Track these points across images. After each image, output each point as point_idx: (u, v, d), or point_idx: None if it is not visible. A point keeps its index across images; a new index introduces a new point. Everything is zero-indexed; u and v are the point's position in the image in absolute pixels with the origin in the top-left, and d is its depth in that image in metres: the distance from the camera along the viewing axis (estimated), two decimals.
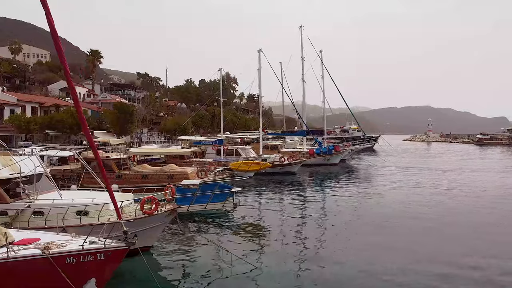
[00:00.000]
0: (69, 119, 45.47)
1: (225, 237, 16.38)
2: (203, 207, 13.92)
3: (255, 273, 12.22)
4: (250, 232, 17.40)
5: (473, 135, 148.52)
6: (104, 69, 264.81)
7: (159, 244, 15.20)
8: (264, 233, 17.32)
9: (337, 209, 22.87)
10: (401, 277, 12.02)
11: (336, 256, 14.06)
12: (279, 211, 22.04)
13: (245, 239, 15.97)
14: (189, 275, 12.53)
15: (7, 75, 78.36)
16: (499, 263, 13.26)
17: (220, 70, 41.83)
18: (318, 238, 16.60)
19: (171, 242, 15.37)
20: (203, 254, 14.05)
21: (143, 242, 14.27)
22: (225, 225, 18.64)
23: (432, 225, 18.54)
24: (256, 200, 25.45)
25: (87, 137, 10.52)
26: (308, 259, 13.70)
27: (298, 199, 26.13)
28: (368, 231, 17.67)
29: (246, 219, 20.20)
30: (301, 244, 15.47)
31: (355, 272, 12.49)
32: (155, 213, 13.49)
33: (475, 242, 15.99)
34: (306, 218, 20.18)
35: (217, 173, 25.54)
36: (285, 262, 13.32)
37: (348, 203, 24.60)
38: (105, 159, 25.14)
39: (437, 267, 12.79)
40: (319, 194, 28.64)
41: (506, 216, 20.64)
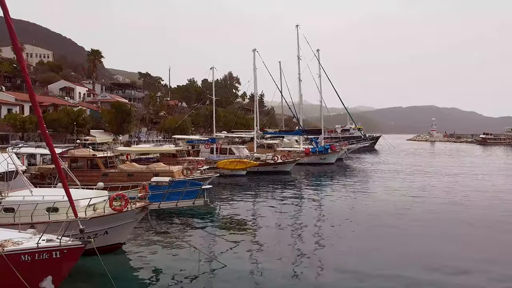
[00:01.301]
0: (65, 118, 45.59)
1: (200, 235, 16.33)
2: (174, 204, 13.83)
3: (224, 272, 12.08)
4: (226, 230, 17.32)
5: (477, 134, 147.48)
6: (109, 68, 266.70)
7: (134, 241, 15.13)
8: (241, 231, 17.25)
9: (325, 208, 22.74)
10: (389, 280, 11.64)
11: (314, 255, 13.92)
12: (262, 210, 21.86)
13: (220, 238, 15.87)
14: (157, 273, 12.44)
15: (8, 74, 78.89)
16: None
17: (212, 68, 41.62)
18: (299, 237, 16.44)
19: (144, 239, 15.31)
20: (174, 252, 13.98)
21: (114, 239, 14.26)
22: (201, 223, 18.62)
23: (425, 225, 18.18)
24: (241, 198, 25.30)
25: (41, 130, 10.41)
26: (285, 259, 13.42)
27: (286, 197, 25.91)
28: (355, 230, 17.41)
29: (224, 217, 20.17)
30: (280, 244, 15.27)
31: (333, 273, 12.25)
32: (125, 210, 13.44)
33: (468, 242, 15.73)
34: (290, 218, 19.84)
35: (203, 171, 25.45)
36: (259, 261, 13.18)
37: (338, 202, 24.39)
38: (91, 157, 25.25)
39: (433, 269, 12.43)
40: (310, 193, 28.41)
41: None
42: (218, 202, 24.01)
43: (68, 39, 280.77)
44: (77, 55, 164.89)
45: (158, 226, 14.23)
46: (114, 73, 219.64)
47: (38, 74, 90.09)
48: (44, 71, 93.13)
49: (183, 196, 14.04)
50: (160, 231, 14.59)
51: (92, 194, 14.17)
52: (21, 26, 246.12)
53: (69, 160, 25.36)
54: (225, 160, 29.20)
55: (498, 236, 16.67)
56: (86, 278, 11.70)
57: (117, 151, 27.29)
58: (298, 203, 24.08)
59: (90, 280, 11.59)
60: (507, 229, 17.78)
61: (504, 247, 15.19)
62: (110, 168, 24.96)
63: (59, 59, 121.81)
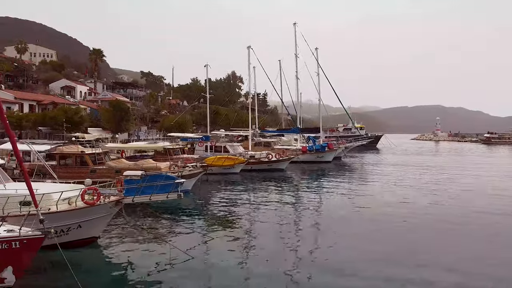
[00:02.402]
0: (62, 116, 45.86)
1: (176, 230, 16.38)
2: (147, 198, 13.84)
3: (192, 265, 12.04)
4: (205, 226, 17.34)
5: (482, 134, 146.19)
6: (114, 68, 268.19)
7: (109, 235, 15.16)
8: (220, 227, 17.22)
9: (313, 205, 22.49)
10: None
11: (292, 250, 13.86)
12: (246, 207, 21.68)
13: (197, 233, 15.89)
14: (127, 266, 12.48)
15: (10, 74, 79.58)
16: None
17: (206, 66, 41.65)
18: (280, 233, 16.24)
19: (120, 233, 15.34)
20: (145, 246, 13.97)
21: (88, 233, 14.29)
22: (180, 218, 18.66)
23: (419, 223, 17.83)
24: (227, 195, 25.26)
25: (5, 127, 10.43)
26: (261, 254, 13.26)
27: (274, 195, 25.85)
28: (338, 227, 17.16)
29: (205, 213, 20.20)
30: (258, 240, 15.18)
31: (305, 269, 12.10)
32: (97, 204, 13.47)
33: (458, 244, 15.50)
34: (274, 214, 19.59)
35: (191, 168, 25.45)
36: (230, 255, 13.13)
37: (327, 200, 24.23)
38: (80, 154, 25.35)
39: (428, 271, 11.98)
40: (300, 191, 28.20)
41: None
42: (203, 198, 24.05)
43: (73, 39, 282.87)
44: (82, 55, 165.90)
45: (132, 220, 14.24)
46: (120, 73, 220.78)
47: (41, 73, 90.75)
48: (47, 70, 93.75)
49: (157, 190, 14.05)
50: (133, 225, 14.56)
51: (66, 188, 14.21)
52: (26, 26, 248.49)
53: (58, 156, 25.57)
54: (213, 157, 29.21)
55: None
56: (50, 271, 11.72)
57: (106, 148, 27.34)
58: (286, 200, 23.89)
59: (53, 273, 11.60)
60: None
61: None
62: (99, 165, 25.05)
63: (62, 59, 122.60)
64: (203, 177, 26.56)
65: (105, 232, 15.17)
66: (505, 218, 18.94)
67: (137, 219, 16.83)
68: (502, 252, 13.84)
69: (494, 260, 12.82)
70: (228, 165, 26.91)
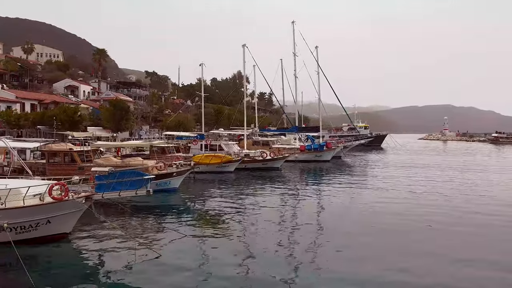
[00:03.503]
0: (61, 115, 46.22)
1: (147, 227, 16.29)
2: (117, 194, 13.82)
3: (157, 263, 11.94)
4: (183, 223, 17.22)
5: (490, 133, 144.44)
6: (123, 68, 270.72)
7: (81, 231, 15.15)
8: (196, 224, 17.11)
9: (302, 204, 22.06)
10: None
11: (265, 251, 13.65)
12: (230, 205, 21.41)
13: (171, 230, 15.80)
14: (94, 262, 12.43)
15: (15, 73, 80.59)
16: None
17: (201, 65, 41.64)
18: (264, 233, 15.89)
19: (92, 229, 15.30)
20: (116, 244, 13.84)
21: (57, 229, 14.29)
22: (158, 216, 18.57)
23: (418, 225, 17.17)
24: (214, 193, 25.15)
25: None
26: (238, 255, 12.98)
27: (265, 194, 25.48)
28: (326, 229, 16.85)
29: (187, 210, 20.12)
30: (234, 238, 14.95)
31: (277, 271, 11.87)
32: (65, 199, 13.46)
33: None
34: (262, 213, 19.23)
35: (179, 166, 25.44)
36: (201, 253, 13.02)
37: (318, 199, 23.80)
38: (68, 151, 25.45)
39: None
40: (292, 189, 27.66)
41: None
42: (190, 196, 24.00)
43: (82, 40, 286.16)
44: (90, 55, 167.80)
45: (102, 217, 14.23)
46: (128, 73, 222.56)
47: (46, 73, 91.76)
48: (52, 70, 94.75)
49: (127, 187, 14.02)
50: (103, 222, 14.52)
51: (35, 183, 14.24)
52: (36, 26, 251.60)
53: (47, 154, 25.70)
54: (200, 155, 29.16)
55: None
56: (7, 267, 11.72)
57: (94, 146, 27.45)
58: (275, 199, 23.62)
59: (9, 270, 11.60)
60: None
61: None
62: (87, 162, 25.11)
63: (69, 59, 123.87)
64: (191, 175, 26.51)
65: (78, 228, 15.17)
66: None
67: (111, 215, 16.78)
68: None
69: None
70: (215, 163, 26.80)
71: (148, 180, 14.14)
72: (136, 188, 13.87)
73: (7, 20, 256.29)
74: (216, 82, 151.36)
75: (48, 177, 19.30)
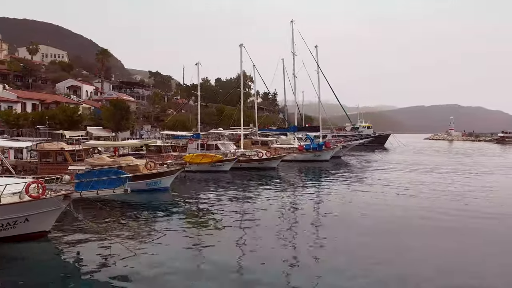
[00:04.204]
0: (60, 115, 46.51)
1: (126, 226, 16.29)
2: (95, 193, 13.86)
3: (133, 262, 11.90)
4: (166, 222, 17.23)
5: (496, 133, 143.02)
6: (129, 69, 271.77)
7: (61, 229, 15.19)
8: (181, 224, 17.07)
9: (296, 204, 21.81)
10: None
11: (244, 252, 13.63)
12: (222, 204, 21.32)
13: (150, 229, 15.82)
14: (70, 260, 12.49)
15: (18, 74, 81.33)
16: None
17: (197, 64, 41.69)
18: (244, 233, 15.86)
19: (71, 228, 15.34)
20: (93, 243, 13.88)
21: (36, 227, 14.34)
22: (142, 214, 18.65)
23: (406, 223, 17.27)
24: (202, 192, 25.13)
25: None
26: (211, 253, 12.94)
27: (256, 193, 25.38)
28: (312, 228, 16.74)
29: (174, 209, 20.04)
30: (216, 238, 14.86)
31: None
32: (42, 197, 13.52)
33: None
34: (241, 213, 19.15)
35: (169, 165, 25.46)
36: (184, 254, 12.90)
37: (313, 199, 23.47)
38: (59, 150, 25.63)
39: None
40: (287, 189, 27.47)
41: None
42: (180, 196, 23.99)
43: (89, 40, 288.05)
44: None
45: (80, 215, 14.25)
46: (134, 73, 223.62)
47: (50, 73, 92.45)
48: (56, 70, 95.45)
49: (106, 185, 14.05)
50: (82, 221, 14.52)
51: (12, 182, 14.30)
52: (41, 27, 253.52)
53: (39, 153, 25.91)
54: (190, 154, 29.17)
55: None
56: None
57: (86, 145, 27.59)
58: (266, 198, 23.46)
59: None
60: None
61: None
62: (78, 161, 25.25)
63: (74, 59, 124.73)
64: (186, 174, 26.54)
65: (59, 226, 15.23)
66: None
67: (93, 214, 16.84)
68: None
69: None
70: (205, 162, 26.81)
71: (126, 179, 14.12)
72: (114, 186, 13.86)
73: (14, 21, 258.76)
74: (220, 82, 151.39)
75: (38, 176, 19.44)
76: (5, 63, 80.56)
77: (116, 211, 18.42)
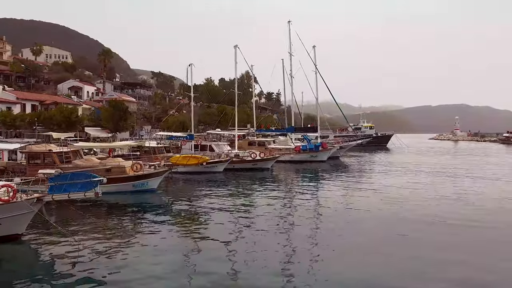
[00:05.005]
0: (58, 116, 46.76)
1: (95, 229, 16.21)
2: (66, 196, 13.90)
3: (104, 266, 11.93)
4: (137, 224, 17.21)
5: (502, 133, 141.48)
6: (135, 69, 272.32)
7: (35, 233, 15.22)
8: (158, 226, 16.99)
9: (285, 206, 21.51)
10: None
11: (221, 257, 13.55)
12: (208, 206, 21.19)
13: (120, 232, 15.80)
14: (39, 263, 12.52)
15: (21, 74, 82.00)
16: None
17: (190, 65, 41.72)
18: (213, 232, 15.83)
19: (43, 231, 15.35)
20: (63, 247, 13.88)
21: (9, 230, 14.37)
22: (118, 217, 18.54)
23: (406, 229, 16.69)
24: (194, 193, 25.07)
25: None
26: (188, 256, 12.90)
27: (244, 194, 25.27)
28: (300, 231, 16.38)
29: (155, 211, 19.98)
30: (188, 240, 14.86)
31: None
32: (13, 201, 13.56)
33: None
34: (233, 215, 18.90)
35: (156, 167, 25.46)
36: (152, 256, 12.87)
37: (305, 200, 23.23)
38: (47, 152, 25.70)
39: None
40: (278, 190, 27.19)
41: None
42: (167, 197, 24.00)
43: (95, 41, 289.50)
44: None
45: (51, 219, 14.29)
46: (140, 73, 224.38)
47: (52, 74, 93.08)
48: (58, 71, 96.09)
49: (78, 188, 14.07)
50: (54, 223, 14.55)
51: None
52: (47, 28, 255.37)
53: (27, 155, 26.02)
54: (177, 155, 29.16)
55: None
56: None
57: (74, 147, 27.67)
58: (255, 199, 23.38)
59: None
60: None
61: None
62: (66, 163, 25.32)
63: (78, 60, 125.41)
64: (173, 175, 26.52)
65: (33, 230, 15.27)
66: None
67: (69, 217, 16.86)
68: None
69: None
70: (192, 164, 26.78)
71: (98, 182, 14.12)
72: (85, 190, 13.88)
73: (21, 22, 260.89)
74: (224, 82, 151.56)
75: (26, 177, 19.56)
76: (7, 64, 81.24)
77: (97, 212, 18.45)
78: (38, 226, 15.57)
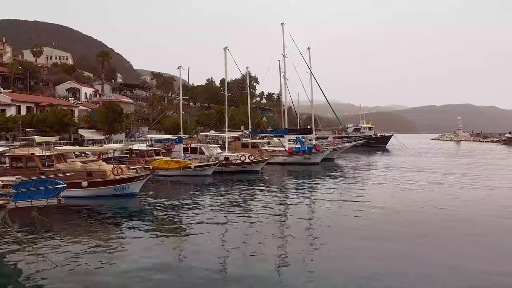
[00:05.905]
0: (51, 118, 46.82)
1: (51, 236, 16.11)
2: (29, 203, 13.81)
3: (52, 273, 11.83)
4: (108, 230, 17.08)
5: (504, 134, 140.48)
6: (138, 69, 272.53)
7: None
8: (130, 232, 16.85)
9: (272, 209, 21.10)
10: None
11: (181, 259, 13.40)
12: (188, 210, 20.99)
13: (83, 238, 15.69)
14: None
15: (20, 76, 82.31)
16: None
17: (179, 68, 41.56)
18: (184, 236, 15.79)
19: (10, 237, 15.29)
20: (18, 255, 13.82)
21: None
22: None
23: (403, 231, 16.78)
24: (176, 198, 24.84)
25: None
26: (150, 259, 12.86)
27: (228, 198, 25.06)
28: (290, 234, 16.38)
29: (132, 216, 19.83)
30: (159, 245, 14.76)
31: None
32: None
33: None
34: (212, 219, 18.62)
35: (138, 170, 25.35)
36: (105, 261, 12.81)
37: (292, 204, 23.07)
38: (29, 156, 25.66)
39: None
40: (267, 193, 26.86)
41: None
42: (147, 202, 23.85)
43: (98, 41, 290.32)
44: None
45: (12, 227, 14.23)
46: (143, 73, 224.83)
47: (51, 76, 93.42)
48: (57, 72, 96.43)
49: (40, 195, 13.96)
50: (16, 232, 14.50)
51: None
52: (49, 29, 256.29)
53: (10, 158, 26.01)
54: (158, 159, 29.02)
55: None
56: None
57: (56, 151, 27.63)
58: (242, 202, 23.22)
59: None
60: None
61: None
62: (48, 167, 25.28)
63: (79, 61, 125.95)
64: (154, 179, 26.41)
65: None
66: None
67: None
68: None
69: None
70: (173, 168, 26.66)
71: (60, 189, 14.02)
72: (48, 197, 13.77)
73: (25, 23, 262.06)
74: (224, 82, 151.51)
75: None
76: (6, 66, 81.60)
77: (64, 219, 18.35)
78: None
